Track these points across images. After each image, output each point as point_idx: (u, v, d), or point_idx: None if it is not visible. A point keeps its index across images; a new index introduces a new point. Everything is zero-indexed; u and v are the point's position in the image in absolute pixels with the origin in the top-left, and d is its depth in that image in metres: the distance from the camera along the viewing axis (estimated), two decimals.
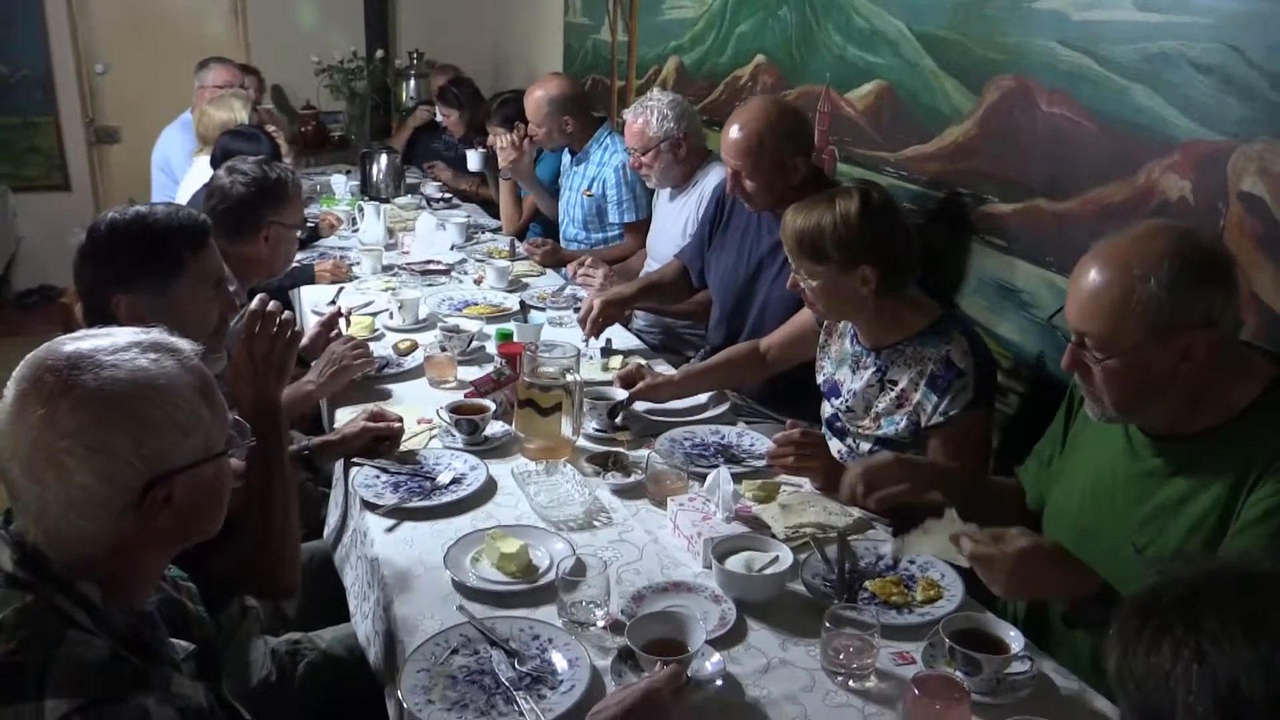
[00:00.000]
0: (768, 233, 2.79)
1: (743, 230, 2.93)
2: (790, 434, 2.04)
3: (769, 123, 2.63)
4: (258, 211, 2.63)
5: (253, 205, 2.63)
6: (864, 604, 1.64)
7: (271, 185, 2.66)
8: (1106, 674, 0.87)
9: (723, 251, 2.99)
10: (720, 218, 3.02)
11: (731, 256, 2.94)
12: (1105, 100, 2.08)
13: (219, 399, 1.22)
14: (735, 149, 2.65)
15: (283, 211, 2.68)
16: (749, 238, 2.90)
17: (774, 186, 2.64)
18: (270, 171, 2.69)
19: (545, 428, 2.15)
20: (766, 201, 2.68)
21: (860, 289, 2.09)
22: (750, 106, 2.72)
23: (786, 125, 2.65)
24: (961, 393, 2.04)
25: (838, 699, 1.47)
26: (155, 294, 1.82)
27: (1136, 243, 1.51)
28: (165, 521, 1.15)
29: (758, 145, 2.61)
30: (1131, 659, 0.82)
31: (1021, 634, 1.48)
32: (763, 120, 2.64)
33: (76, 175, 6.54)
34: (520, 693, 1.44)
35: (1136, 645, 0.82)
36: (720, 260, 2.99)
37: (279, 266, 2.78)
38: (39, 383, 1.10)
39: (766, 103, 2.75)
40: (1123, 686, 0.84)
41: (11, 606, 1.07)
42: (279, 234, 2.68)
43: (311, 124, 6.46)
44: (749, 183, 2.66)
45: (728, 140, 2.67)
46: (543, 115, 4.06)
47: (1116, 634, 0.85)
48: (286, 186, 2.70)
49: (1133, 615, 0.84)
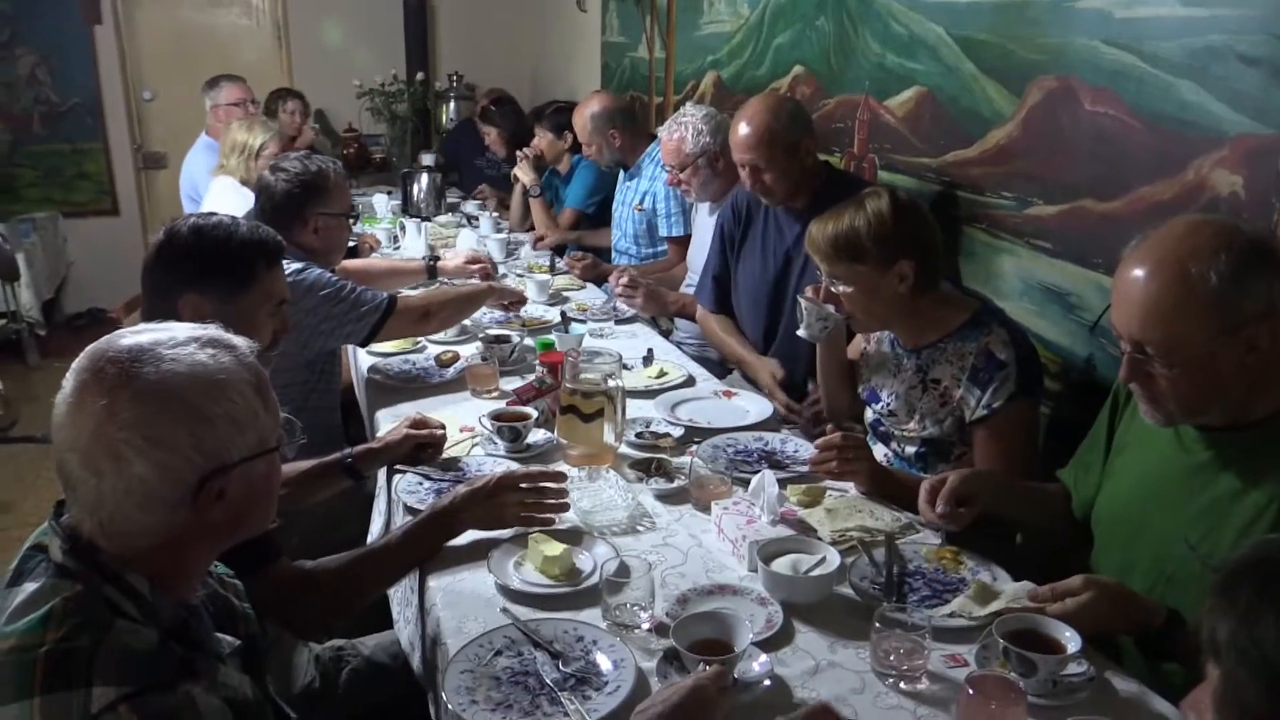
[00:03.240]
0: (788, 228, 2.86)
1: (762, 232, 2.97)
2: (831, 438, 2.01)
3: (773, 112, 2.76)
4: (303, 205, 2.72)
5: (298, 199, 2.71)
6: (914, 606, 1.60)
7: (314, 178, 2.73)
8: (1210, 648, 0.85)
9: (747, 258, 3.01)
10: (740, 225, 3.05)
11: (756, 260, 2.97)
12: (1151, 97, 2.05)
13: (272, 396, 1.23)
14: (748, 143, 2.75)
15: (328, 202, 2.76)
16: (770, 237, 2.93)
17: (790, 173, 2.75)
18: (311, 165, 2.77)
19: (587, 434, 2.14)
20: (785, 191, 2.78)
21: (899, 287, 2.07)
22: (751, 103, 2.85)
23: (789, 112, 2.79)
24: (1005, 384, 2.02)
25: (889, 700, 1.44)
26: (223, 301, 1.85)
27: (1182, 240, 1.46)
28: (218, 515, 1.16)
29: (769, 135, 2.72)
30: (1257, 626, 0.80)
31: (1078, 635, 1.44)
32: (767, 111, 2.76)
33: (125, 200, 6.67)
34: (565, 693, 1.42)
35: (1263, 612, 0.80)
36: (746, 267, 3.00)
37: (334, 255, 2.84)
38: (100, 374, 1.11)
39: (765, 96, 2.96)
40: (1244, 655, 0.82)
41: (61, 596, 1.07)
42: (327, 223, 2.77)
43: (354, 146, 6.55)
44: (767, 175, 2.75)
45: (739, 138, 2.77)
46: (589, 132, 4.10)
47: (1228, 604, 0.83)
48: (329, 177, 2.77)
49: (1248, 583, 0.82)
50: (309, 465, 2.11)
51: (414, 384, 2.74)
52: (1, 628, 1.07)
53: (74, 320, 6.45)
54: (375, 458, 2.19)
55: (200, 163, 4.89)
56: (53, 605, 1.06)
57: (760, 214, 2.98)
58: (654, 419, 2.40)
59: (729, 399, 2.59)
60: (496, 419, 2.28)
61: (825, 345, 2.39)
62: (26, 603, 1.08)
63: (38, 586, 1.10)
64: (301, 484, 2.07)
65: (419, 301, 2.85)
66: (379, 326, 2.66)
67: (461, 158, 5.98)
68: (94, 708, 0.99)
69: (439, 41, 6.97)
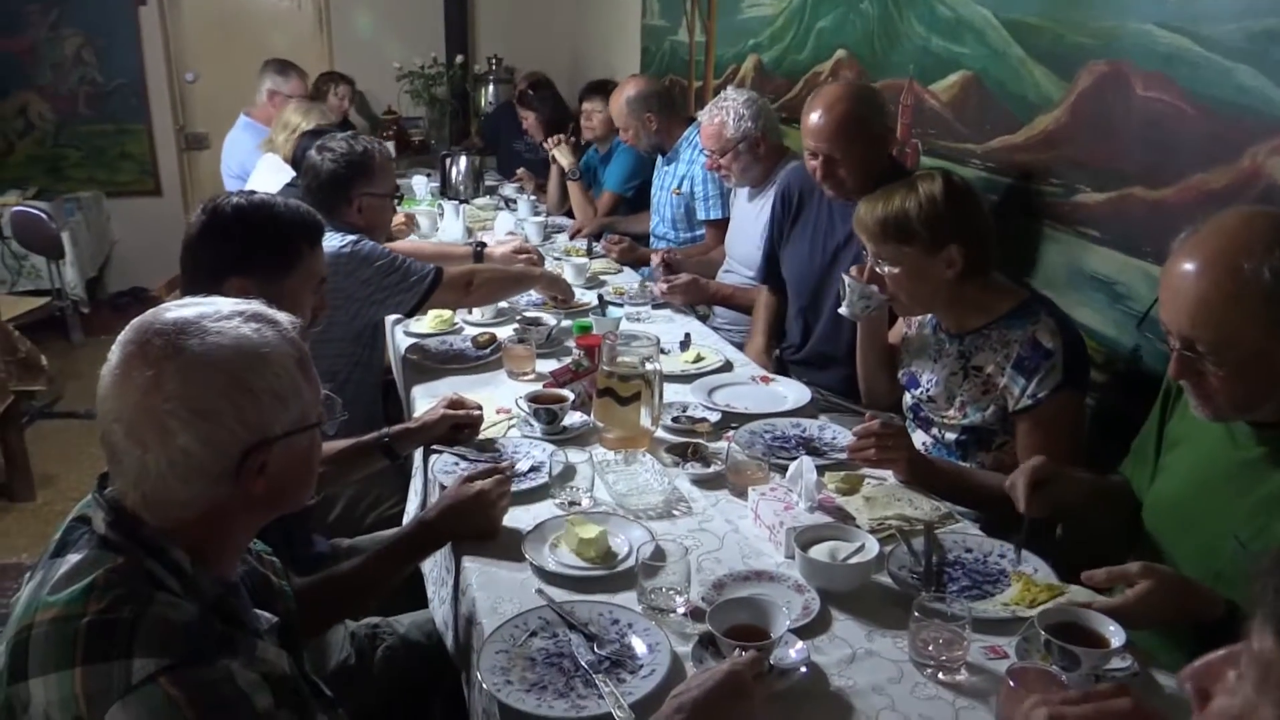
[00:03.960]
0: (841, 221, 2.75)
1: (814, 222, 2.90)
2: (870, 426, 1.99)
3: (857, 100, 2.61)
4: (348, 185, 2.74)
5: (343, 179, 2.73)
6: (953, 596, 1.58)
7: (359, 158, 2.75)
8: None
9: (796, 244, 2.96)
10: (789, 213, 2.99)
11: (805, 248, 2.92)
12: (1206, 82, 2.00)
13: (314, 372, 1.23)
14: (824, 132, 2.59)
15: (373, 182, 2.78)
16: (821, 228, 2.87)
17: (870, 167, 2.60)
18: (357, 145, 2.78)
19: (624, 417, 2.12)
20: (860, 184, 2.56)
21: (945, 271, 2.05)
22: (830, 89, 2.69)
23: (872, 102, 2.65)
24: (1050, 374, 1.98)
25: (927, 691, 1.42)
26: (269, 282, 1.84)
27: (1234, 234, 1.41)
28: (259, 489, 1.16)
29: (853, 124, 2.57)
30: None
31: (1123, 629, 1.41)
32: (850, 99, 2.61)
33: (167, 180, 6.74)
34: (600, 676, 1.41)
35: None
36: (794, 254, 2.97)
37: (377, 234, 2.85)
38: (146, 345, 1.11)
39: (846, 84, 2.76)
40: None
41: (104, 568, 1.08)
42: (370, 204, 2.78)
43: (393, 129, 6.57)
44: (842, 169, 2.61)
45: (814, 126, 2.61)
46: (625, 116, 4.08)
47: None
48: (374, 158, 2.79)
49: None
50: (346, 444, 2.11)
51: (451, 365, 2.74)
52: (44, 598, 1.07)
53: (117, 298, 6.54)
54: (412, 438, 2.19)
55: (241, 142, 4.95)
56: (95, 577, 1.07)
57: (814, 202, 2.90)
58: (691, 403, 2.39)
59: (766, 385, 2.57)
60: (533, 401, 2.28)
61: (866, 327, 2.36)
62: (69, 574, 1.09)
63: (81, 558, 1.11)
64: (338, 463, 2.08)
65: (463, 273, 2.86)
66: (427, 296, 2.71)
67: (500, 141, 5.99)
68: (134, 679, 1.00)
69: (478, 24, 6.98)
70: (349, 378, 2.64)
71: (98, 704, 0.99)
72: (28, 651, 1.04)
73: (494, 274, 2.99)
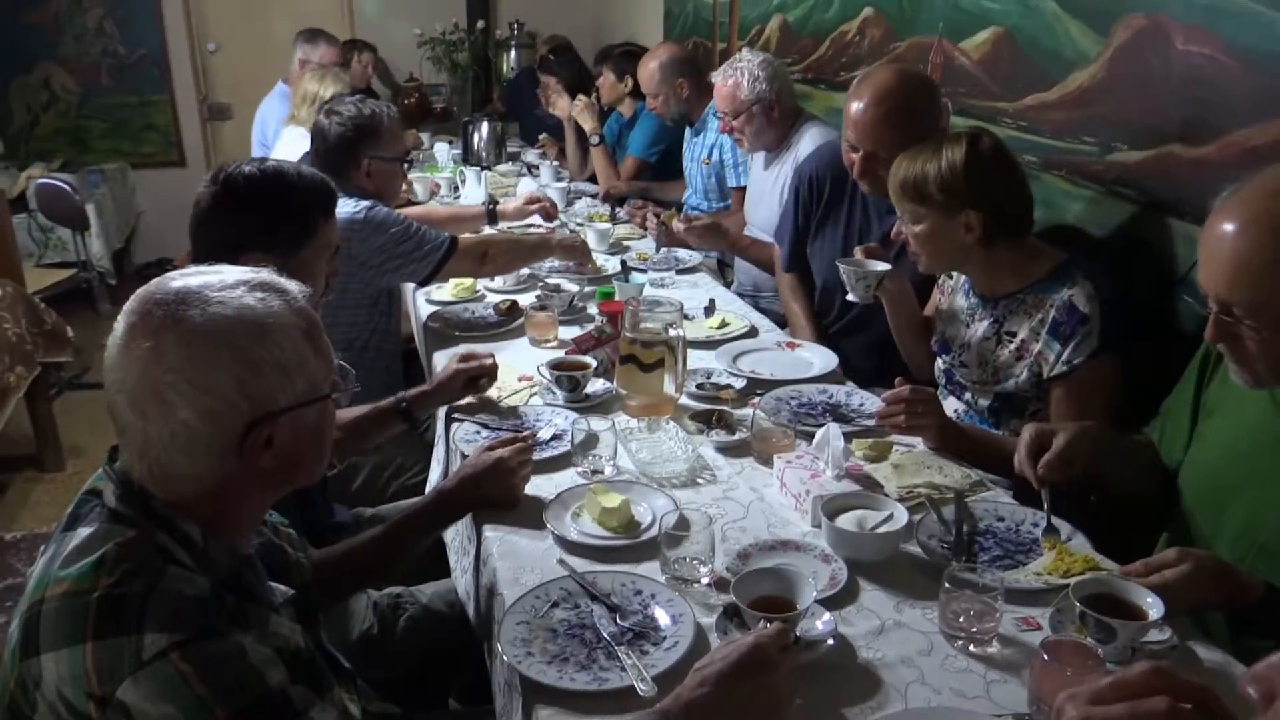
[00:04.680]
0: (878, 220, 2.63)
1: (845, 219, 2.76)
2: (900, 391, 1.94)
3: (910, 92, 2.37)
4: (356, 147, 2.72)
5: (351, 143, 2.72)
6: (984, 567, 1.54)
7: (367, 121, 2.73)
8: None
9: (826, 239, 2.81)
10: (817, 202, 2.81)
11: (837, 246, 2.73)
12: (1250, 34, 1.91)
13: (324, 342, 1.20)
14: (869, 127, 2.37)
15: (381, 145, 2.76)
16: (856, 224, 2.73)
17: None
18: (365, 108, 2.76)
19: (647, 384, 2.09)
20: None
21: (964, 236, 2.00)
22: (881, 75, 2.43)
23: (929, 94, 2.41)
24: (1086, 339, 1.93)
25: (958, 664, 1.38)
26: (286, 255, 1.80)
27: (1276, 194, 1.35)
28: (267, 463, 1.13)
29: (902, 120, 2.33)
30: None
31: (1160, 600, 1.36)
32: (902, 91, 2.36)
33: (191, 151, 6.75)
34: (622, 648, 1.39)
35: None
36: (821, 248, 2.83)
37: (387, 200, 2.82)
38: (147, 316, 1.09)
39: (899, 71, 2.45)
40: None
41: (114, 541, 1.06)
42: (379, 168, 2.77)
43: (415, 96, 6.52)
44: (884, 169, 2.23)
45: (857, 117, 2.39)
46: (656, 83, 4.03)
47: None
48: (382, 121, 2.77)
49: None
50: (364, 410, 2.10)
51: (472, 331, 2.72)
52: (56, 572, 1.06)
53: (143, 270, 6.56)
54: (430, 399, 2.18)
55: (275, 110, 4.93)
56: (105, 550, 1.05)
57: (847, 197, 2.73)
58: (715, 370, 2.36)
59: (792, 350, 2.53)
60: (555, 368, 2.25)
61: (889, 304, 2.31)
62: (80, 547, 1.07)
63: (91, 531, 1.09)
64: (355, 430, 2.06)
65: (478, 242, 2.83)
66: (440, 265, 2.68)
67: (522, 107, 5.94)
68: (145, 654, 0.98)
69: None
70: (366, 345, 2.63)
71: (109, 680, 0.98)
72: (39, 627, 1.03)
73: (509, 244, 2.96)
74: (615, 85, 4.66)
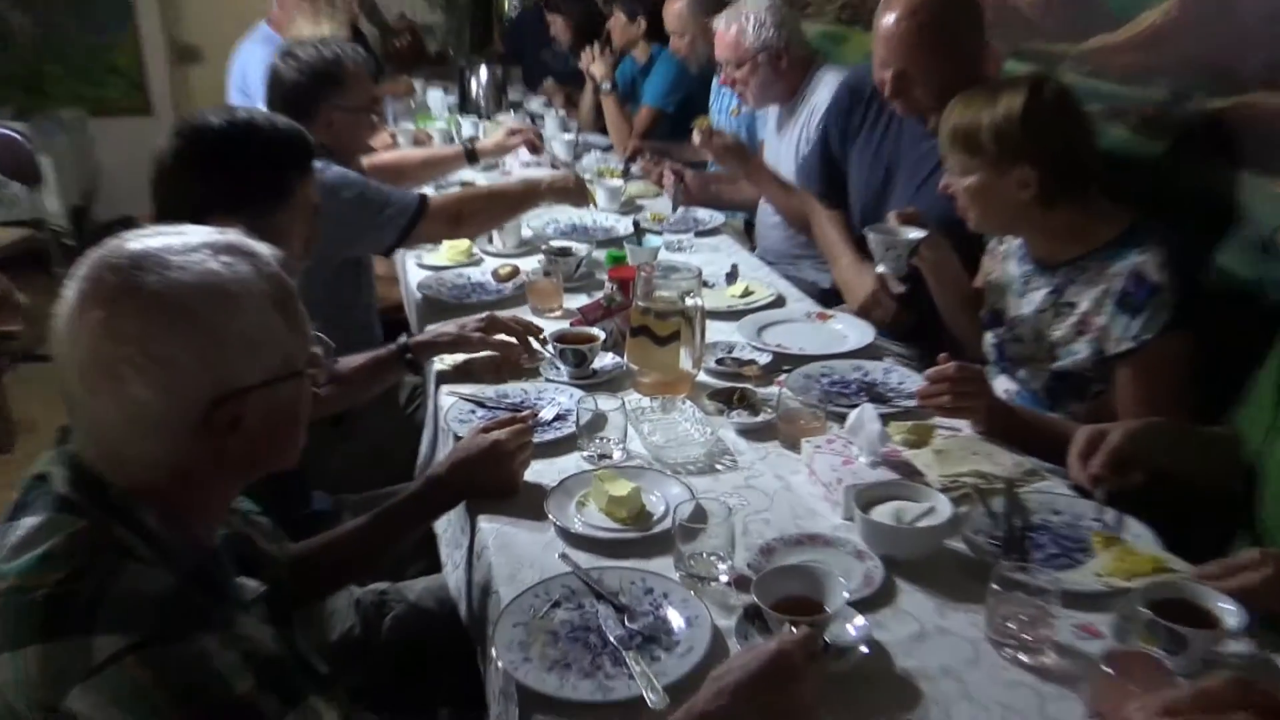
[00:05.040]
0: (909, 142, 2.64)
1: (878, 141, 2.78)
2: (944, 369, 1.94)
3: (946, 3, 2.41)
4: (315, 97, 2.65)
5: (309, 91, 2.65)
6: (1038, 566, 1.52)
7: (326, 66, 2.67)
8: None
9: (857, 164, 2.84)
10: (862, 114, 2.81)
11: (865, 171, 2.79)
12: None
13: (298, 311, 1.19)
14: (900, 42, 2.40)
15: (343, 94, 2.69)
16: (886, 145, 2.75)
17: (954, 89, 2.17)
18: (326, 51, 2.69)
19: (661, 359, 2.10)
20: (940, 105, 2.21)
21: (1019, 193, 1.99)
22: None
23: (963, 5, 2.45)
24: (1158, 312, 1.90)
25: (1008, 676, 1.37)
26: (258, 218, 1.76)
27: None
28: (233, 446, 1.13)
29: (936, 34, 2.37)
30: None
31: (1240, 606, 1.34)
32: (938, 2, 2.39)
33: (158, 98, 6.74)
34: (631, 653, 1.39)
35: None
36: (854, 176, 2.85)
37: (351, 155, 2.78)
38: (99, 282, 1.08)
39: None
40: None
41: (63, 533, 1.06)
42: (342, 119, 2.70)
43: (407, 38, 6.50)
44: (920, 89, 2.41)
45: (888, 32, 2.42)
46: (684, 20, 4.02)
47: None
48: (345, 66, 2.70)
49: None
50: (363, 360, 2.11)
51: (469, 300, 2.72)
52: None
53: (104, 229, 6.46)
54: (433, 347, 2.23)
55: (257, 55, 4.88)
56: (52, 544, 1.04)
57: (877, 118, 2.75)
58: (737, 343, 2.36)
59: (823, 322, 2.53)
60: (560, 341, 2.26)
61: (930, 275, 2.30)
62: (25, 540, 1.06)
63: (38, 521, 1.08)
64: (354, 381, 2.07)
65: (451, 201, 2.79)
66: (408, 231, 2.63)
67: (525, 50, 5.92)
68: (96, 659, 0.97)
69: None
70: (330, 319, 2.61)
71: (56, 687, 0.97)
72: None
73: (489, 197, 2.91)
74: (627, 26, 4.63)
